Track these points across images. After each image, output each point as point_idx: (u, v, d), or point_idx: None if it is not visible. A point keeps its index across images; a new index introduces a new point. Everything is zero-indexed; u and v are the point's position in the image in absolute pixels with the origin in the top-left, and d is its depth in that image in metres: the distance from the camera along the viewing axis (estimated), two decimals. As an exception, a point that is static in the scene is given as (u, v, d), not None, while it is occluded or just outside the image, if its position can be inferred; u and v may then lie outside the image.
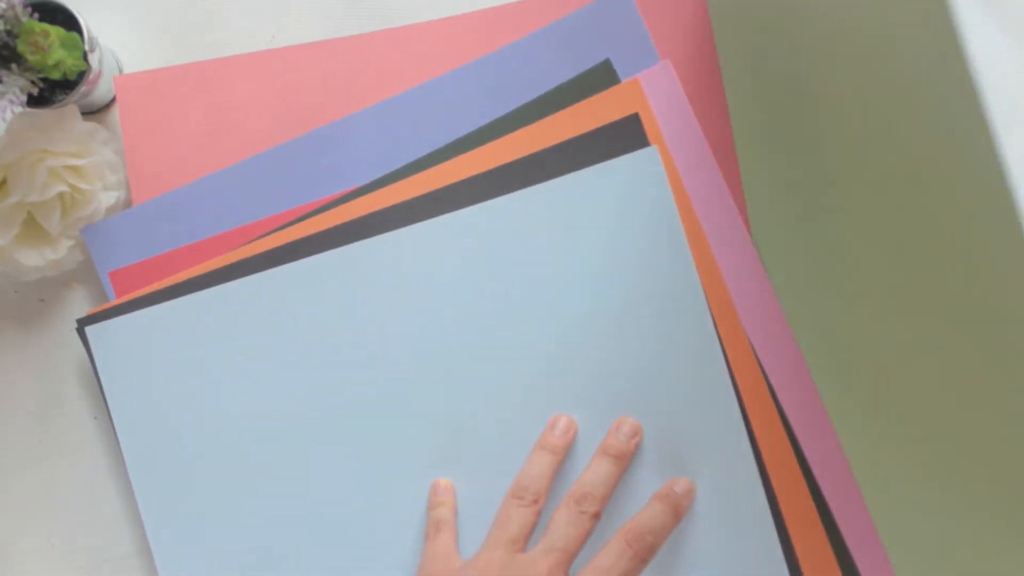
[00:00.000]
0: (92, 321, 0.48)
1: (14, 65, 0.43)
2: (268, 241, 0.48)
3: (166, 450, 0.47)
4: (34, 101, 0.46)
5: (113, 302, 0.48)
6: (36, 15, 0.43)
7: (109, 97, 0.51)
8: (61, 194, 0.46)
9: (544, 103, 0.47)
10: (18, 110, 0.44)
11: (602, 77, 0.47)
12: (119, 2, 0.51)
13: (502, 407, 0.45)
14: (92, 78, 0.46)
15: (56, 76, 0.44)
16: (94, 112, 0.51)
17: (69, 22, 0.45)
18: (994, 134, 0.27)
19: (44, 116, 0.46)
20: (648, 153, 0.45)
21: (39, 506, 0.50)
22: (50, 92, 0.46)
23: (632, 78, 0.46)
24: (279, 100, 0.50)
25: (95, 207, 0.48)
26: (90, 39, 0.46)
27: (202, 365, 0.47)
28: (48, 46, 0.43)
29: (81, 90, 0.46)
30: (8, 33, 0.42)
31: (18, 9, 0.42)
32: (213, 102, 0.50)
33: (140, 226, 0.49)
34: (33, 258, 0.47)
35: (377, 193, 0.47)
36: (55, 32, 0.43)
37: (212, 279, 0.48)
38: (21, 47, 0.43)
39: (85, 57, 0.45)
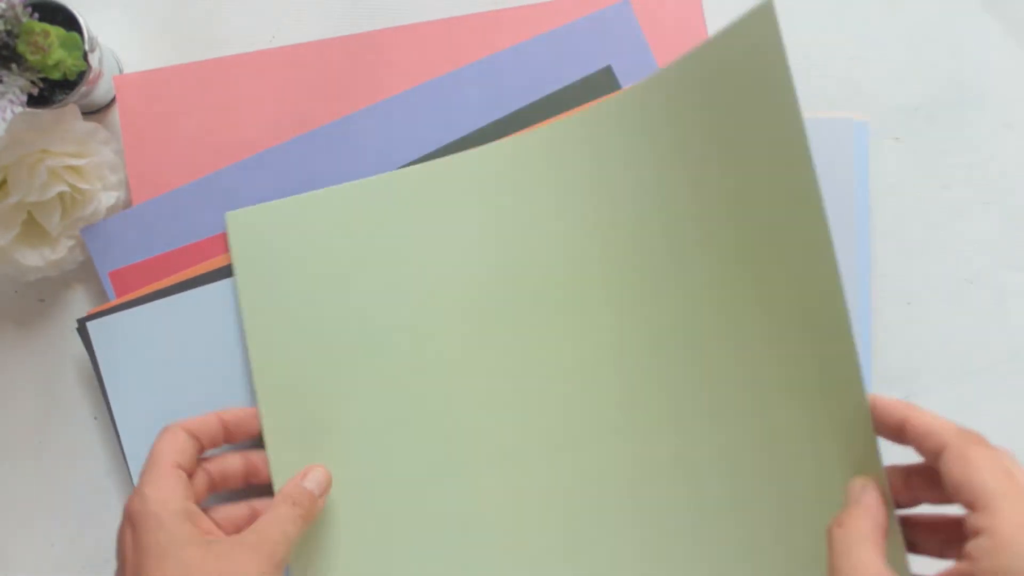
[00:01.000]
0: (92, 320, 0.48)
1: (14, 65, 0.43)
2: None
3: None
4: (34, 101, 0.46)
5: (113, 302, 0.48)
6: (36, 15, 0.43)
7: (109, 97, 0.51)
8: (61, 194, 0.46)
9: (546, 106, 0.48)
10: (18, 110, 0.44)
11: (603, 83, 0.48)
12: (119, 2, 0.51)
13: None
14: (92, 78, 0.47)
15: (56, 76, 0.44)
16: (94, 112, 0.51)
17: (69, 22, 0.45)
18: None
19: (44, 116, 0.46)
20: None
21: (39, 506, 0.50)
22: (50, 92, 0.46)
23: (633, 85, 0.47)
24: (279, 100, 0.50)
25: (95, 207, 0.48)
26: (90, 39, 0.46)
27: (206, 361, 0.47)
28: (48, 46, 0.43)
29: (81, 90, 0.46)
30: (8, 33, 0.42)
31: (18, 9, 0.42)
32: (213, 102, 0.50)
33: (140, 226, 0.49)
34: (33, 258, 0.47)
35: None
36: (55, 32, 0.43)
37: (214, 278, 0.48)
38: (21, 47, 0.43)
39: (85, 57, 0.45)
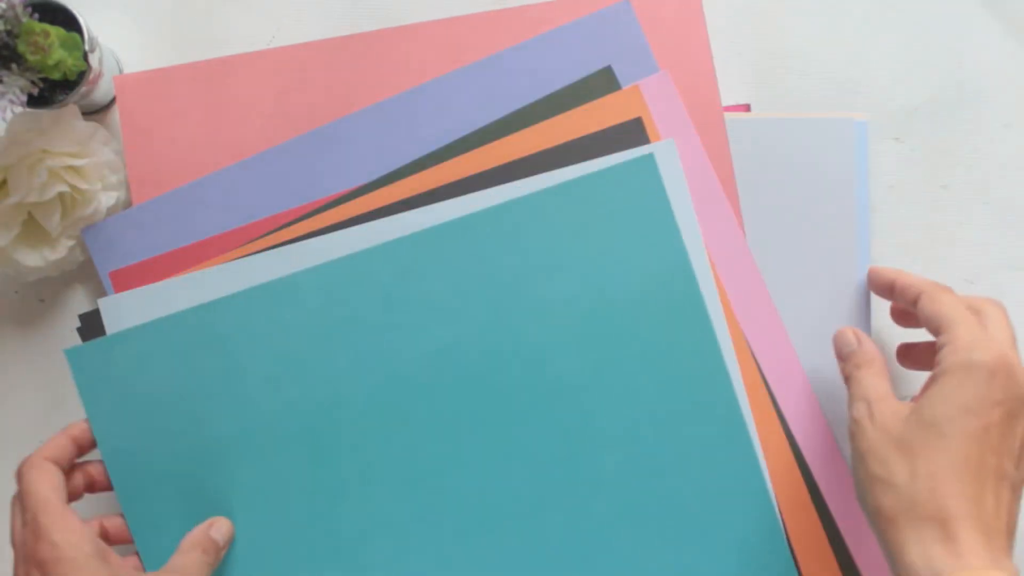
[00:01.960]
0: (92, 321, 0.48)
1: (14, 65, 0.43)
2: (268, 240, 0.48)
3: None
4: (34, 101, 0.46)
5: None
6: (36, 15, 0.43)
7: (109, 97, 0.51)
8: (61, 194, 0.46)
9: (546, 106, 0.48)
10: (18, 110, 0.44)
11: (603, 83, 0.48)
12: (119, 2, 0.51)
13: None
14: (92, 78, 0.47)
15: (56, 76, 0.44)
16: (94, 112, 0.51)
17: (69, 22, 0.45)
18: None
19: (44, 116, 0.46)
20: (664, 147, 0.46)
21: (40, 505, 0.50)
22: (50, 92, 0.46)
23: (633, 85, 0.47)
24: (279, 99, 0.50)
25: (95, 207, 0.48)
26: (90, 39, 0.46)
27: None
28: (48, 46, 0.43)
29: (81, 90, 0.46)
30: (8, 33, 0.43)
31: (18, 9, 0.42)
32: (213, 102, 0.50)
33: (140, 226, 0.49)
34: (33, 259, 0.47)
35: (377, 192, 0.48)
36: (55, 32, 0.43)
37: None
38: (21, 47, 0.43)
39: (85, 57, 0.45)
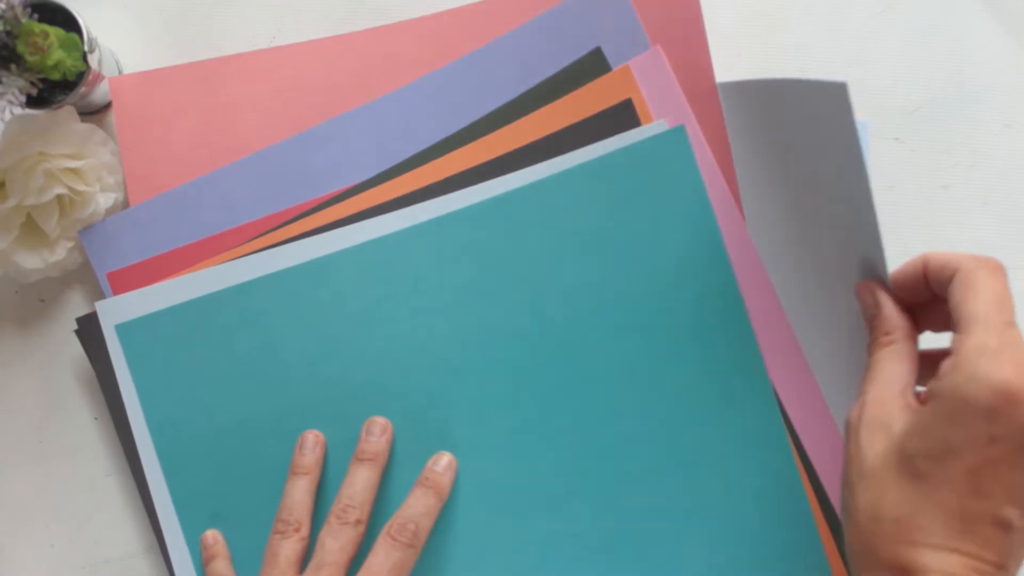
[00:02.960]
0: (91, 322, 0.48)
1: (13, 66, 0.43)
2: (266, 240, 0.48)
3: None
4: (33, 102, 0.46)
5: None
6: (36, 15, 0.43)
7: (108, 98, 0.51)
8: (59, 196, 0.46)
9: (536, 95, 0.48)
10: (17, 111, 0.44)
11: (593, 66, 0.47)
12: (119, 2, 0.51)
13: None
14: (91, 79, 0.46)
15: (55, 77, 0.44)
16: (94, 112, 0.51)
17: (69, 22, 0.45)
18: None
19: (40, 119, 0.46)
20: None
21: (39, 506, 0.50)
22: (49, 93, 0.46)
23: (623, 65, 0.47)
24: (275, 99, 0.50)
25: (93, 209, 0.48)
26: (89, 40, 0.46)
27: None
28: (47, 47, 0.43)
29: (80, 91, 0.46)
30: (8, 34, 0.42)
31: (18, 9, 0.42)
32: (209, 102, 0.50)
33: (138, 227, 0.49)
34: (32, 261, 0.47)
35: (376, 189, 0.48)
36: (54, 33, 0.43)
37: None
38: (20, 48, 0.43)
39: (84, 58, 0.45)
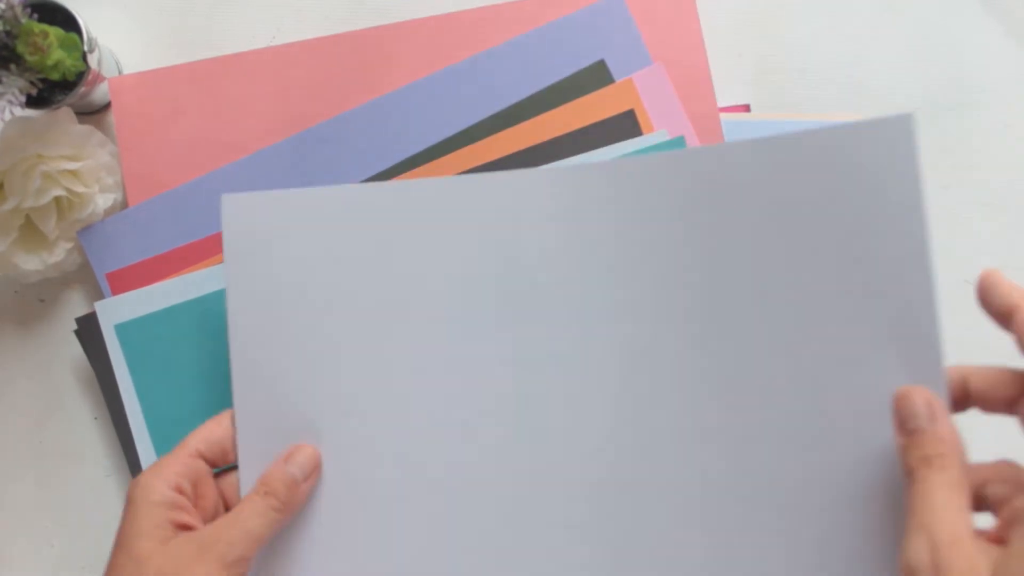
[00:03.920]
0: (90, 322, 0.48)
1: (13, 65, 0.43)
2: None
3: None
4: (33, 102, 0.46)
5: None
6: (35, 15, 0.43)
7: (108, 98, 0.50)
8: (57, 198, 0.46)
9: (538, 101, 0.48)
10: (17, 111, 0.44)
11: (596, 76, 0.48)
12: (119, 2, 0.51)
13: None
14: (91, 79, 0.46)
15: (55, 77, 0.44)
16: (94, 112, 0.51)
17: (68, 22, 0.45)
18: None
19: (37, 120, 0.46)
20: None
21: (39, 507, 0.49)
22: (49, 93, 0.46)
23: (626, 78, 0.48)
24: (274, 99, 0.50)
25: (92, 209, 0.47)
26: (89, 40, 0.45)
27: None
28: (47, 47, 0.43)
29: (80, 91, 0.46)
30: (7, 33, 0.42)
31: (17, 9, 0.42)
32: (208, 102, 0.50)
33: (137, 227, 0.49)
34: (32, 262, 0.47)
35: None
36: (54, 33, 0.43)
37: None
38: (20, 48, 0.42)
39: (84, 58, 0.45)
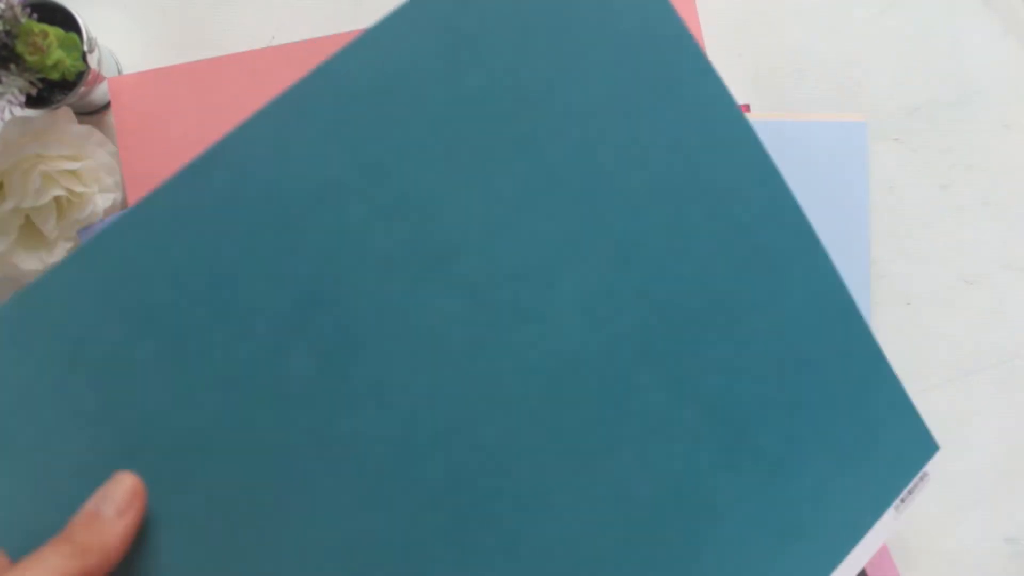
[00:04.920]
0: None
1: (13, 65, 0.43)
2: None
3: None
4: (33, 102, 0.45)
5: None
6: (35, 15, 0.42)
7: (108, 97, 0.50)
8: (57, 198, 0.46)
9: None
10: (17, 111, 0.43)
11: None
12: (119, 2, 0.51)
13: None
14: (91, 79, 0.46)
15: (55, 77, 0.44)
16: (93, 112, 0.51)
17: (68, 22, 0.45)
18: None
19: (37, 121, 0.46)
20: None
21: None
22: (49, 93, 0.46)
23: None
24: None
25: (91, 210, 0.47)
26: (89, 39, 0.45)
27: None
28: (47, 47, 0.43)
29: (80, 91, 0.46)
30: (7, 33, 0.42)
31: (17, 9, 0.42)
32: (207, 102, 0.50)
33: (137, 228, 0.49)
34: (31, 262, 0.47)
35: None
36: (54, 32, 0.43)
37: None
38: (20, 47, 0.42)
39: (84, 58, 0.45)
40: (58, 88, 0.46)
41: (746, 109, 0.49)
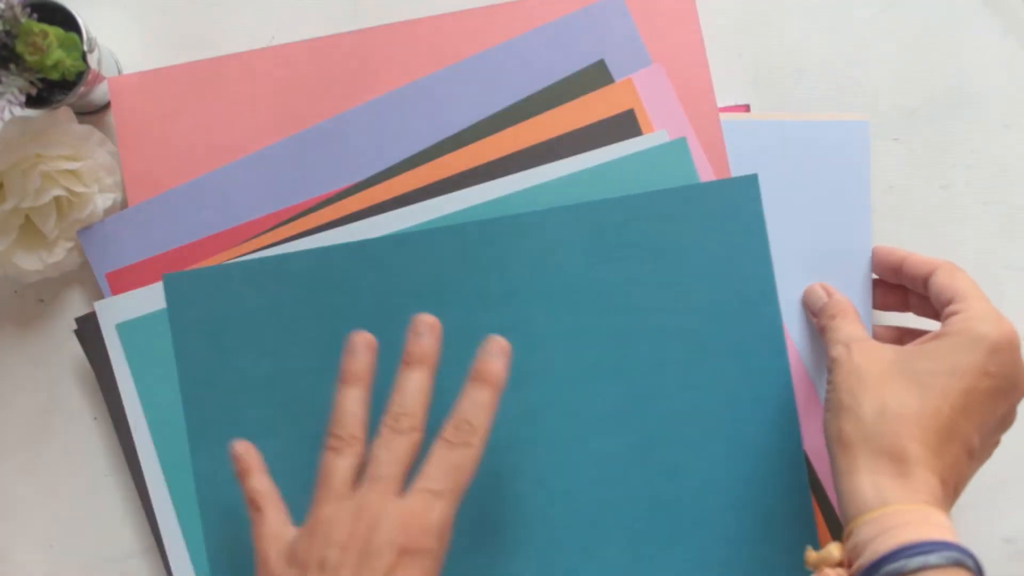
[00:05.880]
0: (90, 322, 0.48)
1: (13, 65, 0.43)
2: (265, 239, 0.48)
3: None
4: (33, 102, 0.45)
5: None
6: (35, 15, 0.43)
7: (108, 97, 0.50)
8: (57, 198, 0.46)
9: (538, 101, 0.48)
10: (17, 110, 0.44)
11: (596, 77, 0.48)
12: (119, 2, 0.51)
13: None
14: (91, 79, 0.46)
15: (55, 76, 0.44)
16: (93, 112, 0.51)
17: (68, 22, 0.45)
18: None
19: (37, 120, 0.46)
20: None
21: (39, 506, 0.49)
22: (48, 93, 0.46)
23: (626, 78, 0.48)
24: (274, 98, 0.50)
25: (92, 209, 0.47)
26: (89, 39, 0.45)
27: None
28: (47, 46, 0.43)
29: (80, 91, 0.46)
30: (7, 33, 0.42)
31: (17, 9, 0.42)
32: (207, 102, 0.50)
33: (137, 227, 0.49)
34: (31, 262, 0.47)
35: (375, 188, 0.48)
36: (54, 32, 0.43)
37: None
38: (20, 47, 0.42)
39: (84, 58, 0.45)
40: (58, 88, 0.46)
41: (746, 109, 0.49)
